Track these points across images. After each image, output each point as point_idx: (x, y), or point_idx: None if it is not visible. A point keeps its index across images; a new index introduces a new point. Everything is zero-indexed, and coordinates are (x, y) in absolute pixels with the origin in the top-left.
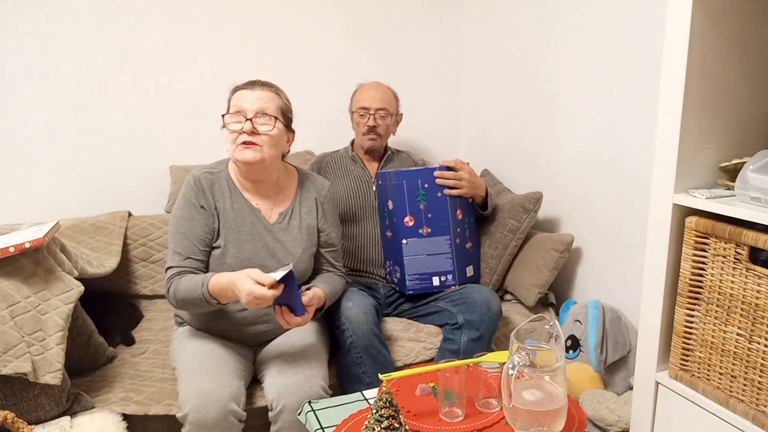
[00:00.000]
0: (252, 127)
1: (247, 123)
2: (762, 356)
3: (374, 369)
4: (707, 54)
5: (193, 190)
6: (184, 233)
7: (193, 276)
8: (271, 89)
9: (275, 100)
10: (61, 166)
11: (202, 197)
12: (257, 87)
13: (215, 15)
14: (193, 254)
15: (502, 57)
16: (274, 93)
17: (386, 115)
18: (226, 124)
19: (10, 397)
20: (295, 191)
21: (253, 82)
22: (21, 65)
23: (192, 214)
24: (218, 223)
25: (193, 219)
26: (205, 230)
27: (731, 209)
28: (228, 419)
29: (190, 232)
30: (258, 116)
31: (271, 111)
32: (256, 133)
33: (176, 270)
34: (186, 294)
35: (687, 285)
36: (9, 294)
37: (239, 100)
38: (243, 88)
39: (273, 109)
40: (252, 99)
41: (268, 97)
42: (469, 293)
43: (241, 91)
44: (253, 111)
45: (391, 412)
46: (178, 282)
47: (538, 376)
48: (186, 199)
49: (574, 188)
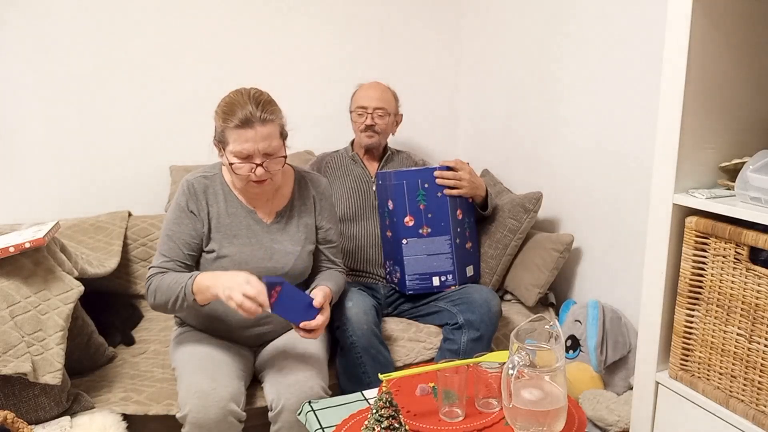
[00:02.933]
0: (264, 171)
1: (258, 169)
2: (762, 356)
3: (374, 369)
4: (707, 54)
5: (185, 195)
6: (170, 236)
7: (178, 273)
8: (272, 115)
9: (277, 128)
10: (61, 166)
11: (194, 202)
12: (257, 123)
13: (215, 15)
14: (177, 257)
15: (502, 57)
16: (275, 122)
17: (384, 115)
18: (233, 168)
19: (10, 397)
20: (291, 190)
21: (247, 116)
22: (21, 66)
23: (181, 218)
24: (209, 228)
25: (181, 223)
26: (191, 234)
27: (731, 209)
28: (228, 419)
29: (176, 235)
30: (267, 158)
31: (278, 145)
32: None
33: (157, 270)
34: (166, 290)
35: (687, 285)
36: (9, 294)
37: (244, 145)
38: (240, 126)
39: (278, 141)
40: (258, 139)
41: (272, 131)
42: (469, 293)
43: (240, 131)
44: (261, 155)
45: (391, 412)
46: (161, 278)
47: (538, 376)
48: (177, 203)
49: (574, 188)
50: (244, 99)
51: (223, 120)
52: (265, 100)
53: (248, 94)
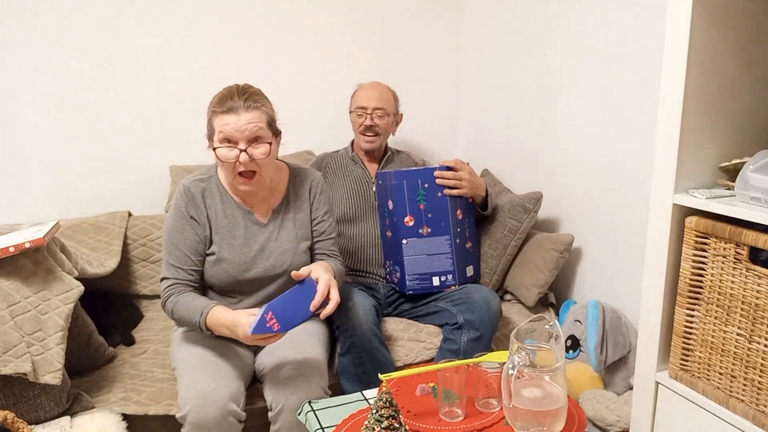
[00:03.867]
0: (248, 157)
1: (242, 155)
2: (762, 356)
3: (374, 369)
4: (707, 54)
5: (183, 201)
6: (176, 244)
7: (195, 297)
8: (256, 103)
9: (263, 116)
10: (61, 166)
11: (193, 207)
12: (242, 110)
13: (215, 15)
14: (185, 264)
15: (502, 57)
16: (260, 109)
17: (384, 115)
18: (217, 154)
19: (10, 397)
20: (286, 186)
21: (233, 104)
22: (21, 66)
23: (182, 225)
24: (210, 231)
25: (184, 230)
26: (196, 240)
27: (731, 209)
28: (227, 419)
29: (182, 242)
30: (251, 144)
31: (264, 132)
32: (254, 160)
33: (171, 281)
34: (184, 315)
35: (687, 285)
36: (9, 294)
37: (225, 126)
38: (225, 112)
39: (264, 129)
40: (241, 125)
41: (257, 116)
42: (469, 293)
43: (225, 116)
44: (245, 140)
45: (391, 412)
46: (177, 300)
47: (538, 376)
48: (177, 209)
49: (574, 188)
50: (230, 89)
51: (210, 110)
52: (252, 91)
53: (236, 85)
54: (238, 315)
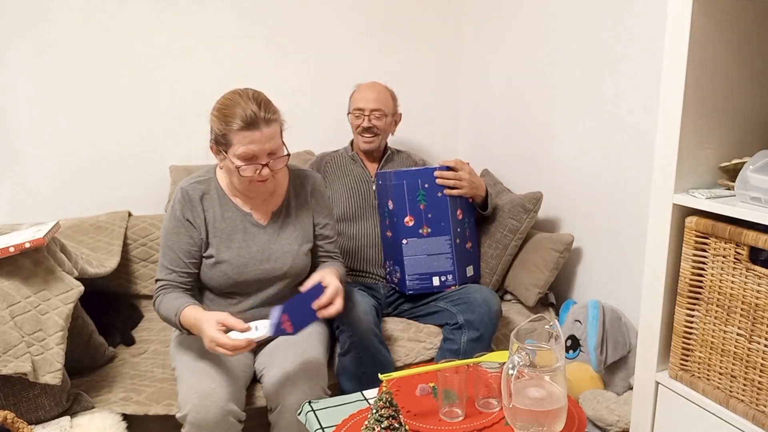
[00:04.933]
0: (270, 171)
1: (264, 169)
2: (762, 356)
3: (374, 369)
4: (707, 54)
5: (180, 203)
6: (170, 246)
7: (176, 297)
8: (273, 114)
9: (278, 127)
10: (61, 166)
11: (189, 210)
12: (262, 124)
13: (215, 15)
14: (178, 267)
15: (502, 57)
16: (277, 120)
17: (382, 116)
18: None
19: (10, 397)
20: (286, 188)
21: (254, 119)
22: (21, 66)
23: (178, 227)
24: (206, 234)
25: (179, 233)
26: (190, 243)
27: (731, 209)
28: (227, 419)
29: (176, 245)
30: (271, 158)
31: (280, 144)
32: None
33: (163, 283)
34: (166, 314)
35: (687, 285)
36: (9, 294)
37: (250, 146)
38: (246, 128)
39: (279, 140)
40: (264, 140)
41: (275, 130)
42: (469, 293)
43: (247, 132)
44: (265, 155)
45: (391, 412)
46: (163, 298)
47: (538, 376)
48: (173, 211)
49: (574, 188)
50: (244, 100)
51: (225, 123)
52: (265, 99)
53: (247, 95)
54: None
